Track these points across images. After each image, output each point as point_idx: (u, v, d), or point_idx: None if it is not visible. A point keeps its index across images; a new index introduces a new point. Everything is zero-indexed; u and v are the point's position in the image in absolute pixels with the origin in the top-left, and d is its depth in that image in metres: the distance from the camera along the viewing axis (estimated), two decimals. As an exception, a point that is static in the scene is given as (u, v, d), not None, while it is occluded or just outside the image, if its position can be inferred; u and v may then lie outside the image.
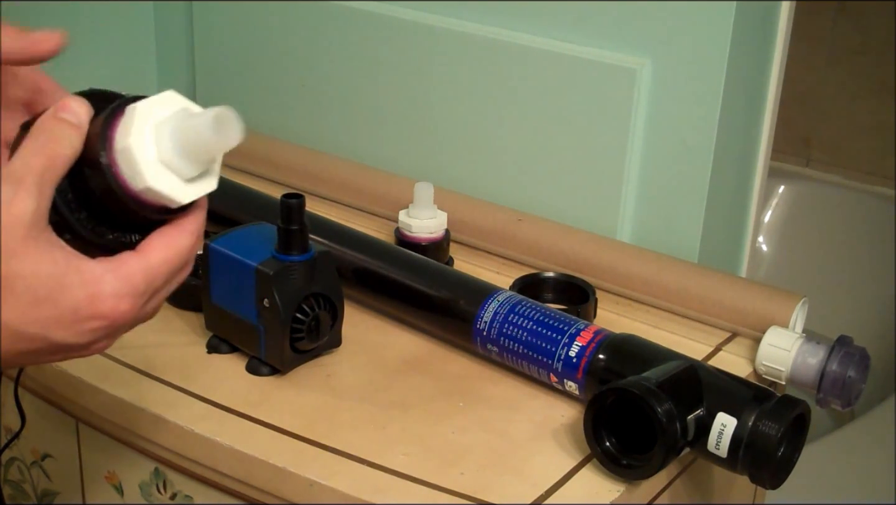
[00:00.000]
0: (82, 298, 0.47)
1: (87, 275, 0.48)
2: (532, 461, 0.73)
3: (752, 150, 1.03)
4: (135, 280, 0.49)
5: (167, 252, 0.50)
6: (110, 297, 0.48)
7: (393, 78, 1.12)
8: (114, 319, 0.49)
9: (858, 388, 0.82)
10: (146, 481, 0.82)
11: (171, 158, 0.48)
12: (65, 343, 0.48)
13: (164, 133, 0.48)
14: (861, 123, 2.14)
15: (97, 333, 0.49)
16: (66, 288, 0.47)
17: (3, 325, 0.46)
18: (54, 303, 0.47)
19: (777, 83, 1.01)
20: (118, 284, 0.48)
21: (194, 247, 0.52)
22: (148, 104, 0.49)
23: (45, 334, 0.48)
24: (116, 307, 0.48)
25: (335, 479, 0.70)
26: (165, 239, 0.51)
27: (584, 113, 1.00)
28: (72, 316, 0.47)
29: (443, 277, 0.87)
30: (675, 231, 0.99)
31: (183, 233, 0.51)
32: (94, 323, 0.48)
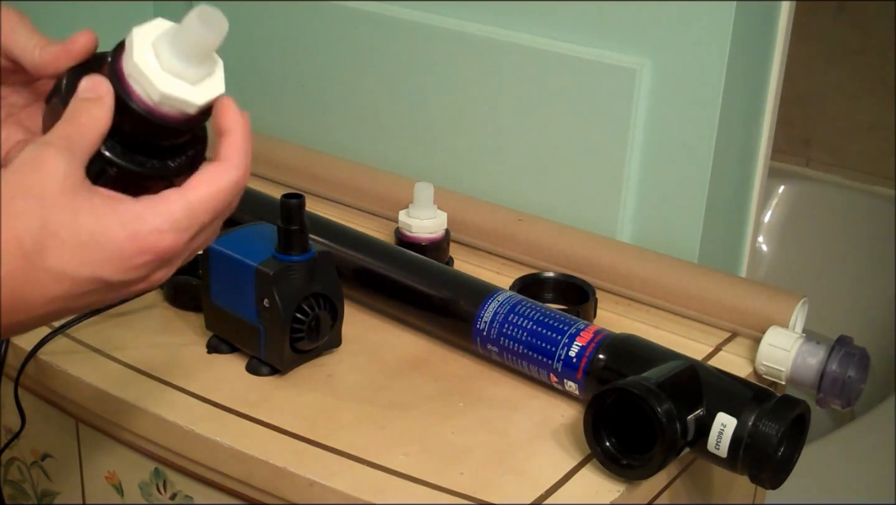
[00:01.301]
0: (124, 237, 0.49)
1: (125, 215, 0.49)
2: (532, 461, 0.73)
3: (752, 150, 1.03)
4: (175, 215, 0.51)
5: (209, 187, 0.52)
6: (152, 232, 0.50)
7: (393, 78, 1.12)
8: (159, 253, 0.50)
9: (858, 388, 0.82)
10: (146, 481, 0.82)
11: (174, 66, 0.52)
12: (119, 281, 0.50)
13: (162, 47, 0.52)
14: (861, 123, 2.14)
15: (147, 267, 0.51)
16: (108, 229, 0.49)
17: (57, 272, 0.48)
18: (98, 244, 0.49)
19: (777, 83, 1.01)
20: (158, 221, 0.50)
21: (240, 181, 0.53)
22: (140, 30, 0.53)
23: (98, 275, 0.49)
24: (159, 242, 0.50)
25: (335, 479, 0.70)
26: (208, 175, 0.53)
27: (584, 113, 1.00)
28: (118, 255, 0.49)
29: (443, 277, 0.87)
30: (675, 231, 0.99)
31: (226, 168, 0.53)
32: (140, 259, 0.50)
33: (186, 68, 0.52)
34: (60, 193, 0.48)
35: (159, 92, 0.52)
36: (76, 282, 0.49)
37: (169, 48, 0.52)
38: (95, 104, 0.52)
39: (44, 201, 0.48)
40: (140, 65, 0.51)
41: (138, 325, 0.87)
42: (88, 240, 0.49)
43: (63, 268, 0.48)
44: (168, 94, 0.52)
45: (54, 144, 0.49)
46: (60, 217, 0.48)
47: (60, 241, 0.48)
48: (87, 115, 0.51)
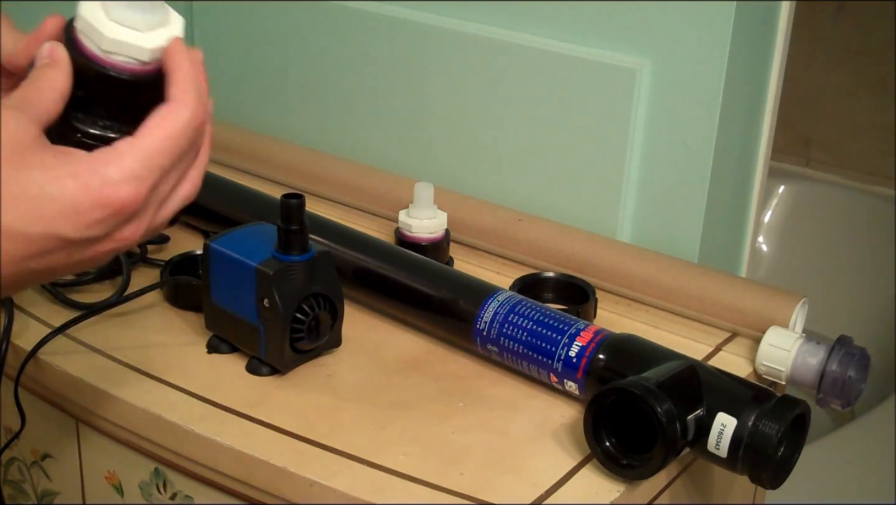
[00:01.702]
0: (76, 189, 0.48)
1: (76, 166, 0.48)
2: (532, 461, 0.73)
3: (752, 150, 1.03)
4: (127, 164, 0.49)
5: (160, 131, 0.50)
6: (105, 184, 0.48)
7: (393, 78, 1.12)
8: (116, 206, 0.49)
9: (858, 388, 0.82)
10: (146, 481, 0.82)
11: (121, 14, 0.51)
12: (80, 238, 0.48)
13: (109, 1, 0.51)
14: (861, 123, 2.14)
15: (107, 222, 0.49)
16: (58, 181, 0.47)
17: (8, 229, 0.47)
18: (49, 198, 0.47)
19: (777, 83, 1.01)
20: (110, 170, 0.48)
21: (192, 119, 0.51)
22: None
23: (54, 231, 0.48)
24: (115, 193, 0.48)
25: (335, 479, 0.70)
26: (156, 119, 0.51)
27: (584, 113, 1.00)
28: (72, 208, 0.48)
29: (443, 277, 0.87)
30: (675, 231, 0.99)
31: (174, 108, 0.51)
32: (97, 213, 0.48)
33: (134, 14, 0.51)
34: (10, 152, 0.47)
35: (106, 38, 0.51)
36: (30, 239, 0.47)
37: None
38: (51, 67, 0.51)
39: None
40: (87, 17, 0.51)
41: (138, 325, 0.87)
42: (38, 193, 0.47)
43: (13, 224, 0.47)
44: (115, 40, 0.51)
45: (7, 106, 0.48)
46: (8, 173, 0.47)
47: (11, 197, 0.47)
48: (43, 78, 0.50)
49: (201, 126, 0.52)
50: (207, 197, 1.01)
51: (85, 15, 0.52)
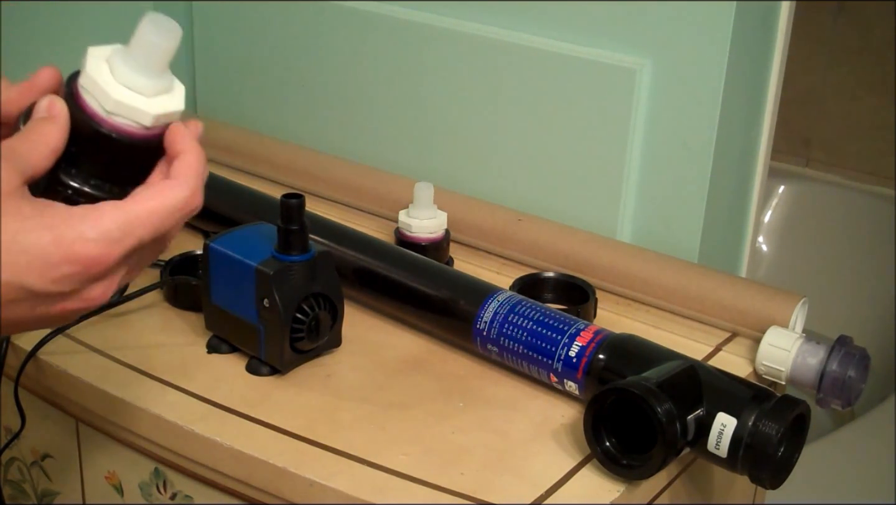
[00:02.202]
0: (48, 241, 0.47)
1: (52, 219, 0.47)
2: (532, 461, 0.73)
3: (752, 150, 1.03)
4: (106, 225, 0.48)
5: (151, 202, 0.50)
6: (77, 240, 0.47)
7: (393, 78, 1.12)
8: (86, 263, 0.48)
9: (858, 388, 0.82)
10: (146, 481, 0.82)
11: (128, 77, 0.51)
12: (45, 291, 0.47)
13: (116, 60, 0.51)
14: (861, 123, 2.14)
15: (74, 279, 0.48)
16: (31, 231, 0.47)
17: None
18: (20, 248, 0.46)
19: (777, 83, 1.01)
20: (85, 227, 0.48)
21: (187, 202, 0.51)
22: (95, 49, 0.52)
23: (21, 282, 0.47)
24: (84, 250, 0.47)
25: (335, 479, 0.70)
26: (152, 190, 0.50)
27: (584, 113, 1.00)
28: (41, 260, 0.47)
29: (443, 277, 0.87)
30: (675, 231, 0.99)
31: (173, 186, 0.51)
32: (65, 268, 0.47)
33: (140, 79, 0.51)
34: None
35: (112, 99, 0.51)
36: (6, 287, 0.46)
37: (123, 60, 0.51)
38: (48, 122, 0.50)
39: None
40: (93, 75, 0.51)
41: (138, 325, 0.87)
42: (9, 241, 0.46)
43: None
44: (120, 101, 0.51)
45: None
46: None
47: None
48: (37, 131, 0.50)
49: (191, 213, 0.52)
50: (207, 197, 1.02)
51: (92, 73, 0.51)
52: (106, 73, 0.51)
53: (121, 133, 0.51)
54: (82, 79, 0.52)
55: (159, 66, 0.52)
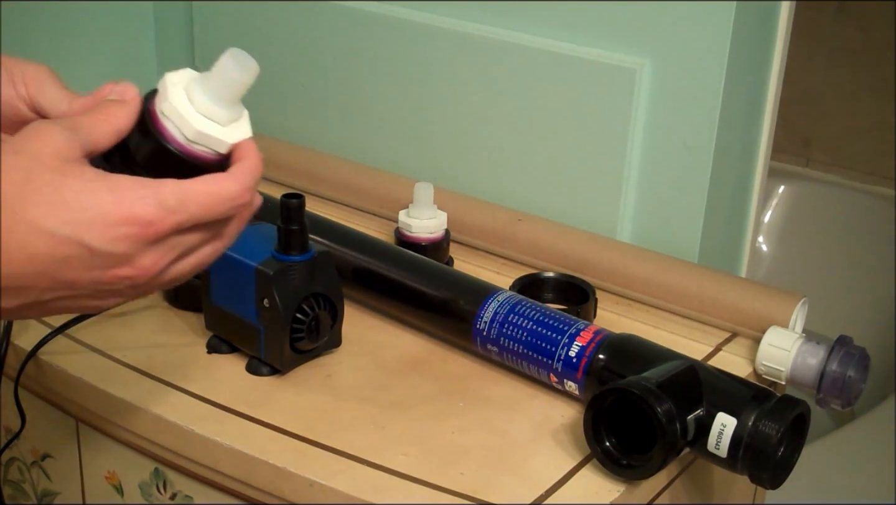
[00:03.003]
0: (110, 202, 0.48)
1: (114, 181, 0.49)
2: (532, 461, 0.73)
3: (752, 150, 1.03)
4: (164, 193, 0.50)
5: (206, 185, 0.52)
6: (137, 201, 0.49)
7: (393, 78, 1.12)
8: (143, 225, 0.49)
9: (858, 388, 0.82)
10: (146, 481, 0.82)
11: (206, 107, 0.54)
12: (100, 249, 0.48)
13: (195, 89, 0.54)
14: (861, 123, 2.14)
15: (129, 241, 0.49)
16: (93, 192, 0.48)
17: (37, 225, 0.47)
18: (83, 205, 0.48)
19: (777, 83, 1.01)
20: (145, 191, 0.49)
21: (238, 195, 0.53)
22: (172, 75, 0.55)
23: (80, 237, 0.48)
24: (142, 210, 0.49)
25: (335, 479, 0.70)
26: (209, 177, 0.53)
27: (584, 113, 1.00)
28: (102, 218, 0.48)
29: (443, 277, 0.87)
30: (675, 231, 0.99)
31: (227, 178, 0.53)
32: (123, 228, 0.49)
33: (218, 109, 0.54)
34: (51, 158, 0.48)
35: (194, 130, 0.54)
36: (56, 240, 0.48)
37: (202, 90, 0.54)
38: (117, 104, 0.52)
39: (32, 160, 0.48)
40: (175, 104, 0.53)
41: (138, 325, 0.87)
42: (72, 198, 0.48)
43: (42, 221, 0.47)
44: (201, 132, 0.54)
45: (60, 123, 0.50)
46: (46, 175, 0.48)
47: (42, 195, 0.47)
48: (105, 111, 0.52)
49: (239, 208, 0.54)
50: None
51: (173, 101, 0.54)
52: (186, 102, 0.54)
53: (197, 159, 0.54)
54: (161, 105, 0.54)
55: (235, 99, 0.55)
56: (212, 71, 0.55)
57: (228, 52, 0.54)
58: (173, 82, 0.55)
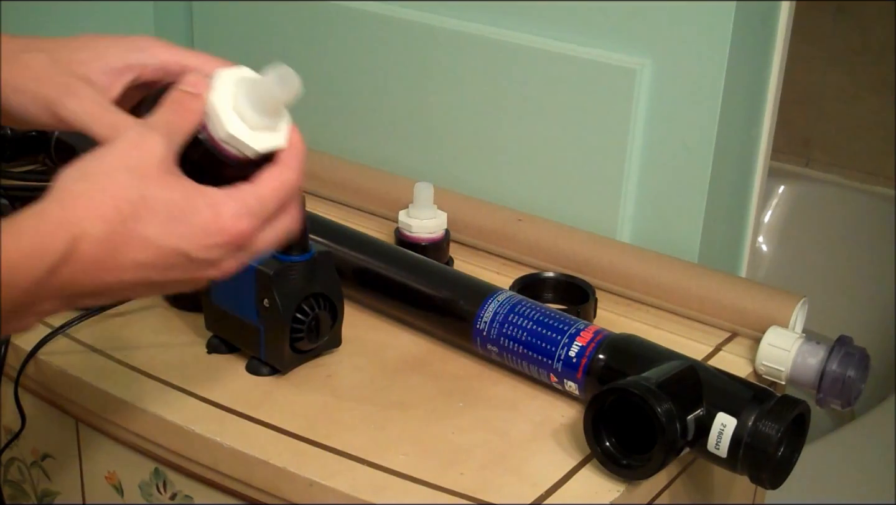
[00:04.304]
0: (209, 217, 0.55)
1: (210, 198, 0.55)
2: (532, 461, 0.73)
3: (752, 150, 1.03)
4: (249, 201, 0.56)
5: (275, 182, 0.58)
6: (231, 216, 0.55)
7: (393, 78, 1.12)
8: (234, 236, 0.56)
9: (858, 388, 0.82)
10: (146, 481, 0.82)
11: (245, 112, 0.58)
12: (198, 258, 0.55)
13: (239, 93, 0.58)
14: (861, 123, 2.14)
15: (222, 248, 0.56)
16: (195, 209, 0.55)
17: (148, 239, 0.53)
18: (187, 220, 0.54)
19: (777, 83, 1.01)
20: (236, 205, 0.56)
21: (297, 183, 0.59)
22: (225, 73, 0.59)
23: (182, 248, 0.54)
24: (236, 225, 0.56)
25: (335, 479, 0.70)
26: (273, 172, 0.58)
27: (584, 113, 1.00)
28: (202, 231, 0.55)
29: (443, 277, 0.87)
30: (675, 231, 0.99)
31: (286, 168, 0.59)
32: (219, 238, 0.55)
33: (254, 116, 0.58)
34: (157, 171, 0.54)
35: (226, 131, 0.57)
36: (162, 251, 0.54)
37: (245, 95, 0.58)
38: (194, 98, 0.57)
39: (143, 176, 0.54)
40: (216, 104, 0.58)
41: (138, 325, 0.87)
42: (178, 214, 0.54)
43: (153, 236, 0.53)
44: (232, 135, 0.57)
45: (157, 129, 0.55)
46: (156, 192, 0.53)
47: (154, 212, 0.53)
48: (186, 105, 0.57)
49: (297, 190, 0.60)
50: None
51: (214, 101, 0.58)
52: (227, 105, 0.58)
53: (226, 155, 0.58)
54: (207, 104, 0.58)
55: (273, 110, 0.59)
56: (258, 80, 0.59)
57: (276, 70, 0.58)
58: (223, 79, 0.59)
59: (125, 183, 0.53)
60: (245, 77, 0.60)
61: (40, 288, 0.51)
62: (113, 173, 0.53)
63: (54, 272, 0.51)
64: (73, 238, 0.51)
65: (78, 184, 0.52)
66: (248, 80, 0.59)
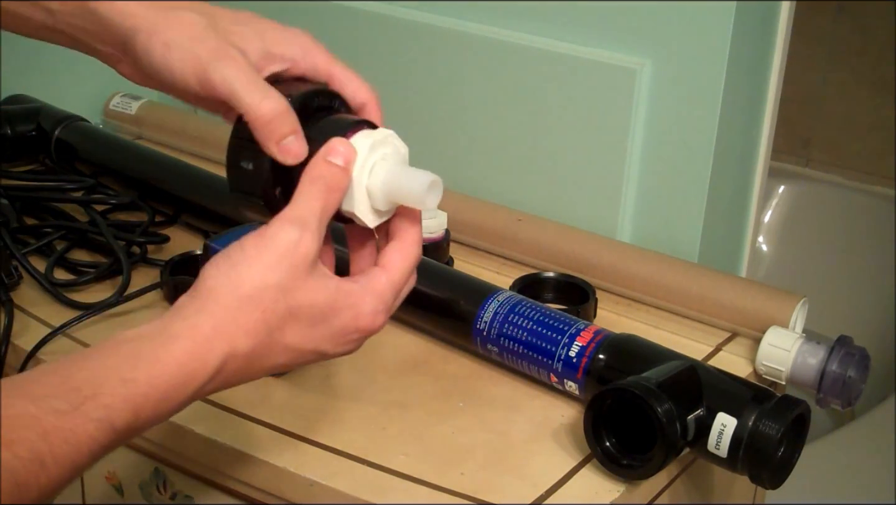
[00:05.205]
0: (349, 319, 0.56)
1: (352, 298, 0.57)
2: (532, 461, 0.73)
3: (752, 150, 1.03)
4: (386, 296, 0.58)
5: (404, 263, 0.59)
6: (370, 314, 0.57)
7: (392, 78, 1.12)
8: (371, 331, 0.58)
9: (858, 388, 0.82)
10: (146, 481, 0.82)
11: (375, 192, 0.58)
12: (332, 353, 0.58)
13: (380, 171, 0.58)
14: (861, 123, 2.14)
15: (357, 343, 0.58)
16: (338, 312, 0.56)
17: (290, 346, 0.55)
18: (328, 324, 0.56)
19: (777, 83, 1.01)
20: (375, 302, 0.57)
21: (420, 255, 0.61)
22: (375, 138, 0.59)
23: (319, 349, 0.57)
24: (374, 322, 0.58)
25: (335, 479, 0.70)
26: (401, 253, 0.60)
27: (584, 113, 1.00)
28: (341, 332, 0.57)
29: (443, 277, 0.87)
30: (675, 231, 0.99)
31: (412, 245, 0.60)
32: (356, 335, 0.58)
33: (381, 202, 0.58)
34: (304, 278, 0.55)
35: (353, 210, 0.58)
36: (301, 353, 0.56)
37: (384, 179, 0.58)
38: (343, 173, 0.57)
39: (292, 288, 0.54)
40: (355, 182, 0.57)
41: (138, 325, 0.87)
42: (320, 319, 0.56)
43: (295, 343, 0.55)
44: (357, 216, 0.58)
45: (309, 226, 0.55)
46: (302, 300, 0.55)
47: (299, 322, 0.55)
48: (334, 184, 0.56)
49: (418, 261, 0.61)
50: (207, 197, 1.02)
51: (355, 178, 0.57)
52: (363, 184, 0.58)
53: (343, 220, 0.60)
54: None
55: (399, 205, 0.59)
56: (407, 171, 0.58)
57: (432, 181, 0.57)
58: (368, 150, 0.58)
59: (275, 295, 0.54)
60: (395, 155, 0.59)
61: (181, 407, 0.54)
62: (265, 286, 0.54)
63: (198, 392, 0.54)
64: (224, 357, 0.53)
65: (228, 294, 0.53)
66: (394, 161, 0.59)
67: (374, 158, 0.58)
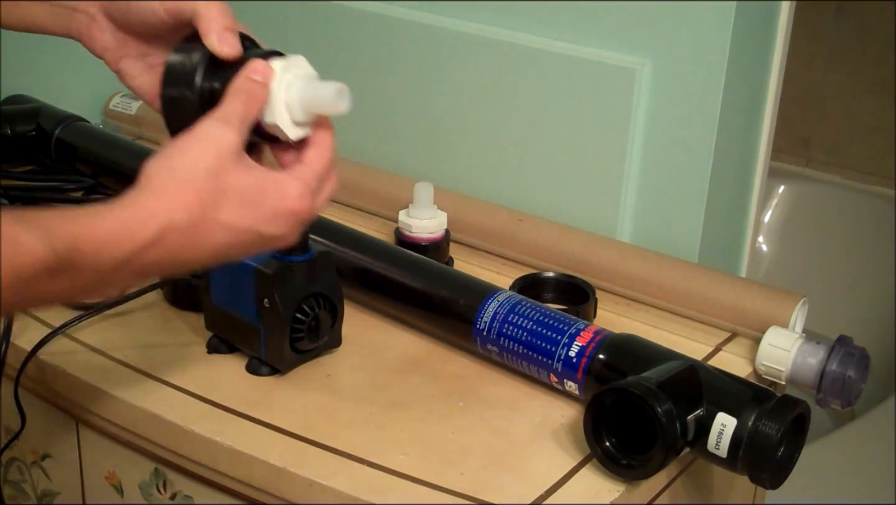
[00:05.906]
0: (278, 200, 0.63)
1: (278, 183, 0.63)
2: (532, 461, 0.73)
3: (752, 150, 1.03)
4: (309, 180, 0.65)
5: (322, 156, 0.67)
6: (296, 196, 0.63)
7: (393, 78, 1.12)
8: (300, 213, 0.64)
9: (858, 388, 0.82)
10: (146, 481, 0.82)
11: (293, 106, 0.65)
12: (268, 234, 0.63)
13: (294, 86, 0.65)
14: (861, 123, 2.14)
15: (290, 225, 0.64)
16: (267, 193, 0.62)
17: (226, 223, 0.61)
18: (259, 204, 0.62)
19: (777, 83, 1.01)
20: (299, 185, 0.64)
21: (334, 158, 0.68)
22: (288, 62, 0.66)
23: (254, 228, 0.62)
24: (301, 204, 0.64)
25: (335, 479, 0.70)
26: (317, 151, 0.67)
27: (584, 113, 1.00)
28: (272, 213, 0.63)
29: (443, 277, 0.87)
30: (675, 231, 0.99)
31: (327, 148, 0.67)
32: (288, 217, 0.63)
33: (299, 114, 0.65)
34: (232, 163, 0.61)
35: (273, 121, 0.64)
36: (238, 232, 0.61)
37: (299, 92, 0.65)
38: (262, 87, 0.64)
39: (221, 170, 0.61)
40: (273, 91, 0.64)
41: (138, 325, 0.87)
42: (251, 199, 0.62)
43: (230, 220, 0.61)
44: (278, 126, 0.64)
45: (231, 123, 0.62)
46: (231, 182, 0.61)
47: (230, 200, 0.61)
48: (255, 95, 0.64)
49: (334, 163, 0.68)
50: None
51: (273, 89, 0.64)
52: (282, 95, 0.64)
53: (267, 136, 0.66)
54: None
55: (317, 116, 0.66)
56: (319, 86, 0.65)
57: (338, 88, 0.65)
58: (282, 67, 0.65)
59: (206, 176, 0.60)
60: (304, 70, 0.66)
61: (125, 265, 0.57)
62: (196, 169, 0.60)
63: (140, 254, 0.58)
64: (162, 227, 0.58)
65: (166, 178, 0.60)
66: (306, 78, 0.66)
67: (288, 77, 0.65)
